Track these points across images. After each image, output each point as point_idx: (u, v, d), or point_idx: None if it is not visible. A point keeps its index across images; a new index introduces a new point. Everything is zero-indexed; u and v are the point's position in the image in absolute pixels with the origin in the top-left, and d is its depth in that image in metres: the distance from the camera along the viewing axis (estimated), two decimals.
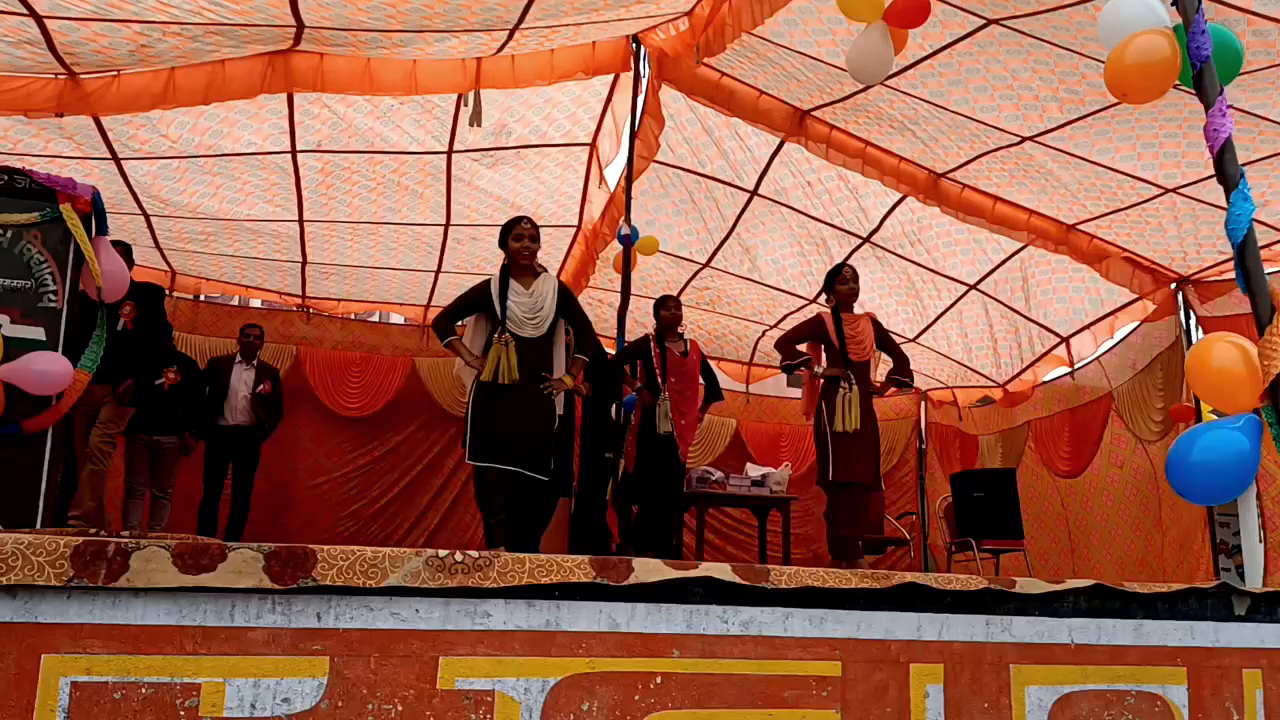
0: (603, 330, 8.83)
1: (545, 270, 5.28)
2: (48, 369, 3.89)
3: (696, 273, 8.75)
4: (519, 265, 5.04)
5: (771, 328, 9.53)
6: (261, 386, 7.64)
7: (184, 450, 7.51)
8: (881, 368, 6.40)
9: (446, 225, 7.89)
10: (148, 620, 2.17)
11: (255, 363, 7.76)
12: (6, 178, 4.02)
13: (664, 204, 7.91)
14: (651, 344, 6.73)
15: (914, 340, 9.22)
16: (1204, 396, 2.83)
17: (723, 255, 8.45)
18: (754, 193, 7.63)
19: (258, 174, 7.04)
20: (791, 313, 9.16)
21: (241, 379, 7.66)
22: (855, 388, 5.85)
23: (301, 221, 7.66)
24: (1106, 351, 8.34)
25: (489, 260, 8.26)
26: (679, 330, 6.88)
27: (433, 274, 8.76)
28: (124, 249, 6.18)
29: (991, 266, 8.05)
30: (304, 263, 8.45)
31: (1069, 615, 2.86)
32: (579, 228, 8.14)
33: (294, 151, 6.77)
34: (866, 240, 7.98)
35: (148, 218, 7.49)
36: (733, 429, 10.39)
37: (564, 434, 6.36)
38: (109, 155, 6.53)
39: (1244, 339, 2.70)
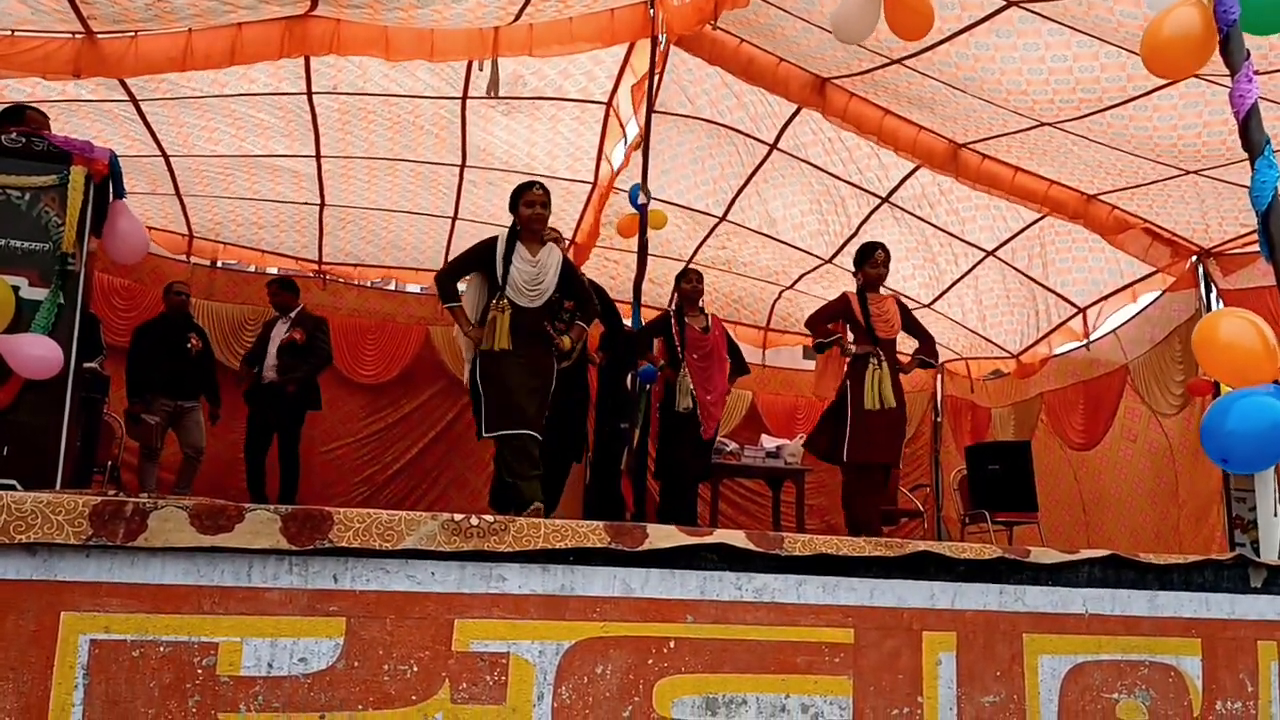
0: (616, 296, 8.84)
1: (554, 240, 5.24)
2: (43, 354, 3.80)
3: (713, 229, 8.68)
4: (529, 231, 5.01)
5: (788, 288, 9.47)
6: (289, 335, 7.51)
7: (213, 418, 7.66)
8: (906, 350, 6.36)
9: (462, 166, 7.88)
10: (166, 580, 2.19)
11: (292, 315, 7.70)
12: (24, 140, 4.02)
13: (680, 153, 7.86)
14: (671, 319, 6.69)
15: (929, 306, 9.16)
16: (1215, 373, 2.79)
17: (739, 209, 8.38)
18: (773, 146, 7.57)
19: (275, 113, 7.06)
20: (807, 273, 9.10)
21: (278, 334, 7.61)
22: (885, 364, 5.82)
23: (319, 157, 7.66)
24: (1124, 324, 8.28)
25: (505, 210, 8.26)
26: (700, 304, 6.84)
27: (449, 220, 8.72)
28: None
29: (1011, 234, 7.99)
30: (321, 205, 8.43)
31: (1083, 585, 2.86)
32: (594, 184, 8.11)
33: (310, 93, 6.79)
34: (885, 200, 7.91)
35: (168, 159, 7.50)
36: (748, 401, 10.38)
37: (579, 403, 6.36)
38: (127, 97, 6.57)
39: (1253, 314, 2.66)
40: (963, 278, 8.72)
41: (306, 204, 8.44)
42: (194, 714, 2.15)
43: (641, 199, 6.02)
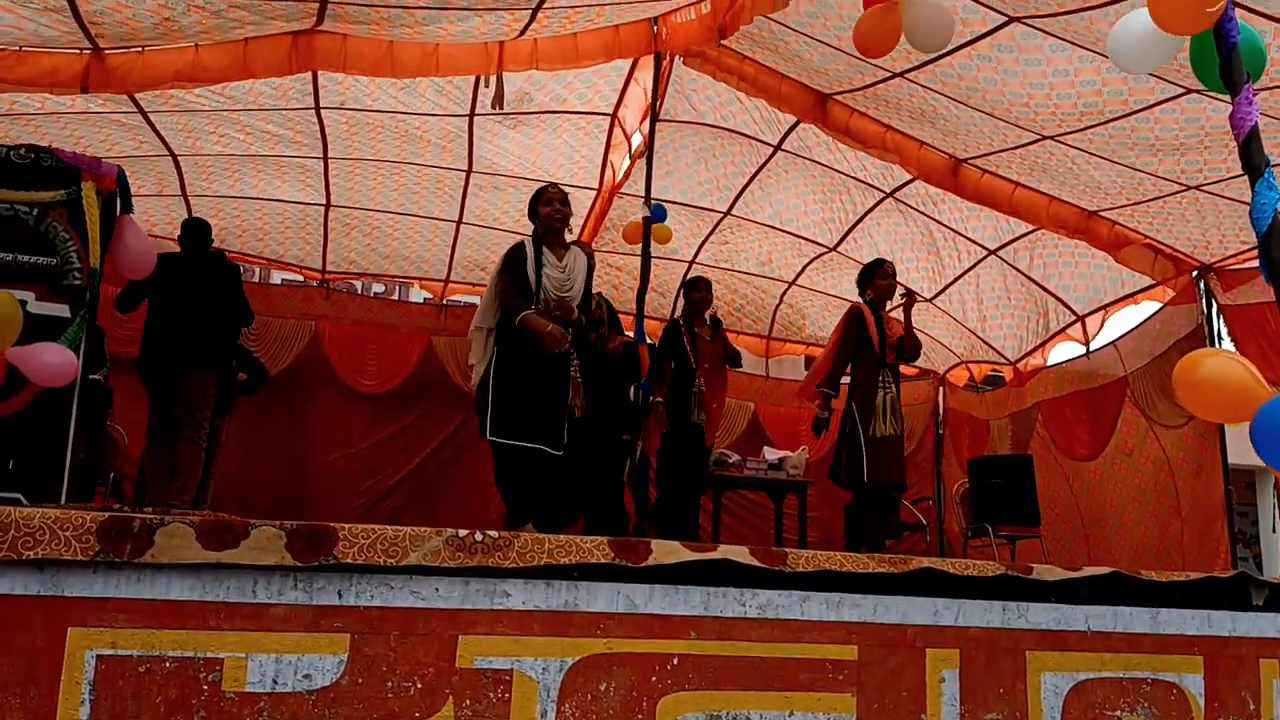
0: (620, 307, 8.84)
1: (576, 244, 5.17)
2: (56, 361, 3.80)
3: (717, 225, 8.70)
4: (551, 233, 4.96)
5: (791, 283, 9.44)
6: None
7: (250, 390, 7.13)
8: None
9: (469, 171, 7.93)
10: (172, 595, 2.20)
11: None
12: (33, 156, 4.04)
13: (683, 154, 7.88)
14: (682, 331, 6.69)
15: (931, 301, 9.16)
16: (1207, 412, 2.77)
17: (742, 205, 8.40)
18: (777, 148, 7.60)
19: (282, 124, 7.12)
20: (810, 262, 9.10)
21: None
22: (896, 387, 5.90)
23: (326, 159, 7.69)
24: (1122, 336, 8.28)
25: (509, 214, 8.28)
26: (707, 314, 6.83)
27: (454, 224, 8.75)
28: (203, 226, 6.37)
29: (1014, 235, 8.00)
30: (327, 205, 8.46)
31: (1086, 603, 2.86)
32: (599, 191, 8.15)
33: (318, 108, 6.85)
34: (890, 195, 7.93)
35: (175, 159, 7.53)
36: (751, 412, 10.37)
37: (613, 415, 6.33)
38: (134, 109, 6.62)
39: (1234, 353, 2.67)
40: (965, 274, 8.71)
41: (312, 204, 8.46)
42: None
43: (644, 212, 6.05)
